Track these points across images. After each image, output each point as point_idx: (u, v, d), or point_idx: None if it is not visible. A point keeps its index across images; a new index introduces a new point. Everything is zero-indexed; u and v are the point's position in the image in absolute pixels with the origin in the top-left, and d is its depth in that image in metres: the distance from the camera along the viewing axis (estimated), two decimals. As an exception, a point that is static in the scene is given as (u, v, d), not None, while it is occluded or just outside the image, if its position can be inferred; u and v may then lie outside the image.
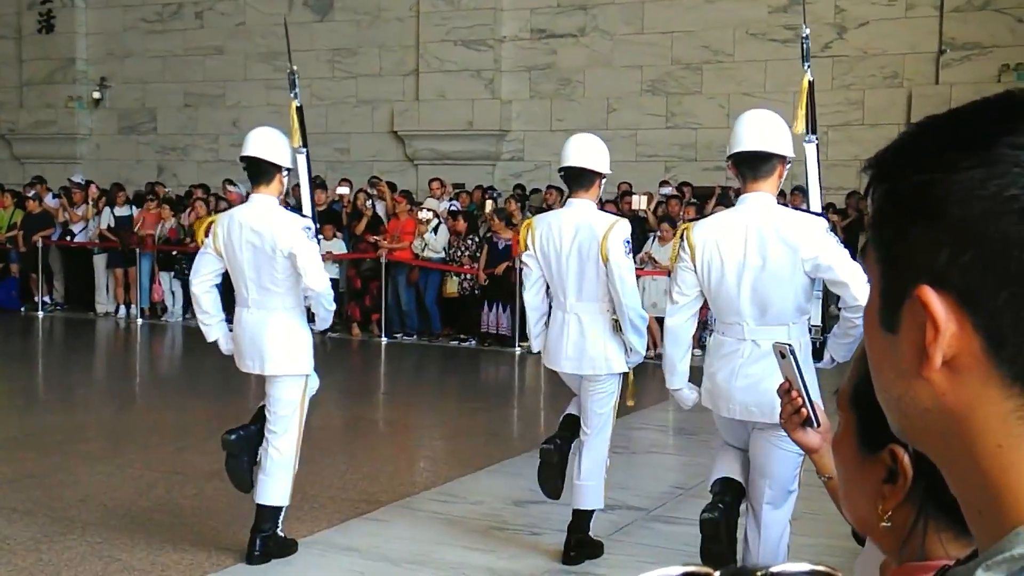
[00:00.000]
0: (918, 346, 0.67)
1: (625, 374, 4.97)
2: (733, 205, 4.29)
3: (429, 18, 15.22)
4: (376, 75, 15.80)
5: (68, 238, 14.55)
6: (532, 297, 5.10)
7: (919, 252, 0.67)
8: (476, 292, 11.95)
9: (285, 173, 4.95)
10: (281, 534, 5.01)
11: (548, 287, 5.03)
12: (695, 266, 4.01)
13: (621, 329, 4.79)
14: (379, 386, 10.60)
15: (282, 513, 4.97)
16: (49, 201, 14.97)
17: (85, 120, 18.09)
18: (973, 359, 0.66)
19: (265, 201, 4.87)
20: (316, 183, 13.67)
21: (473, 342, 12.01)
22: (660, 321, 8.29)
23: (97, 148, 18.15)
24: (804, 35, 5.07)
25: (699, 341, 7.38)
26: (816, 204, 4.84)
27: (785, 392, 1.89)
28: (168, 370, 11.69)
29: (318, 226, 5.08)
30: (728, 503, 4.08)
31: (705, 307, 4.30)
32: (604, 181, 4.96)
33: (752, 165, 3.94)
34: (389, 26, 15.63)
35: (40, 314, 14.21)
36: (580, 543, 4.96)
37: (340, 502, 5.89)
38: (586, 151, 4.85)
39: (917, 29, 12.90)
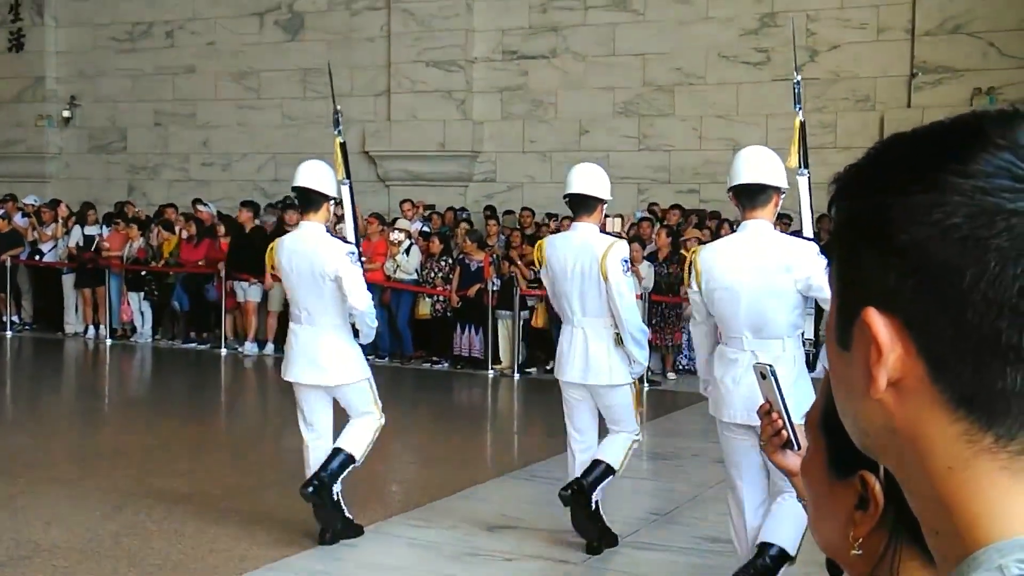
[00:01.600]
0: (866, 366, 0.68)
1: (631, 383, 5.35)
2: (708, 228, 4.71)
3: (401, 39, 15.24)
4: (347, 95, 15.77)
5: (37, 257, 14.39)
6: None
7: (870, 273, 0.68)
8: (448, 314, 11.92)
9: (332, 203, 5.44)
10: (347, 514, 5.43)
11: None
12: (700, 288, 4.43)
13: (623, 342, 5.16)
14: (351, 408, 10.51)
15: (350, 468, 5.37)
16: (18, 220, 14.81)
17: (55, 139, 17.95)
18: (918, 382, 0.67)
19: (313, 228, 5.34)
20: (287, 204, 13.72)
21: (445, 364, 11.96)
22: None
23: (67, 167, 18.00)
24: (796, 80, 5.66)
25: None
26: (808, 230, 5.16)
27: (765, 413, 1.87)
28: (136, 391, 11.56)
29: (360, 251, 5.60)
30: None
31: None
32: (605, 206, 5.44)
33: (750, 196, 4.36)
34: (360, 46, 15.64)
35: (8, 334, 14.02)
36: (580, 489, 5.18)
37: (312, 526, 5.82)
38: (588, 179, 5.30)
39: (889, 52, 13.05)
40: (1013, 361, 0.64)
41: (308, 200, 5.33)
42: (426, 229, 13.02)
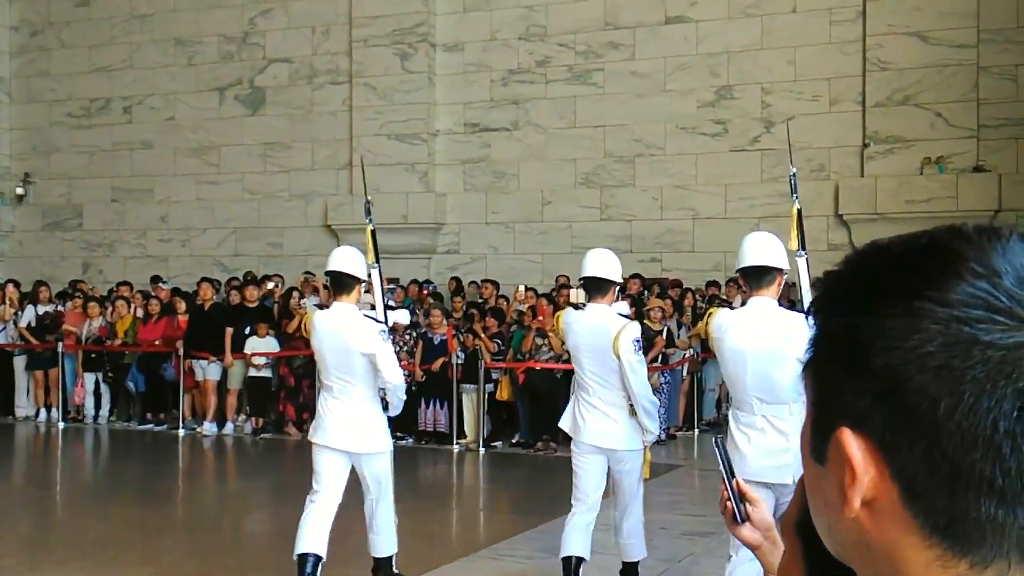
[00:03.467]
0: (840, 484, 0.68)
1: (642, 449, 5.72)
2: (670, 297, 5.02)
3: (362, 112, 15.28)
4: (309, 169, 15.75)
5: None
6: None
7: (843, 392, 0.68)
8: (412, 388, 11.73)
9: (363, 285, 5.87)
10: (396, 572, 5.79)
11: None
12: (711, 347, 4.95)
13: (635, 413, 5.53)
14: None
15: (394, 558, 5.80)
16: (-33, 301, 14.44)
17: (8, 216, 17.70)
18: (892, 504, 0.66)
19: (346, 308, 5.71)
20: (248, 280, 13.54)
21: (410, 440, 11.74)
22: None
23: (20, 245, 17.72)
24: (792, 172, 6.18)
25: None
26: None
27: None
28: (90, 477, 11.18)
29: (390, 328, 5.93)
30: None
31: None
32: (617, 288, 5.80)
33: (756, 276, 4.82)
34: (322, 120, 15.65)
35: (-45, 418, 13.60)
36: None
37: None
38: (602, 263, 5.69)
39: (841, 123, 13.28)
40: (987, 492, 0.63)
41: (341, 283, 5.74)
42: (391, 304, 12.87)
